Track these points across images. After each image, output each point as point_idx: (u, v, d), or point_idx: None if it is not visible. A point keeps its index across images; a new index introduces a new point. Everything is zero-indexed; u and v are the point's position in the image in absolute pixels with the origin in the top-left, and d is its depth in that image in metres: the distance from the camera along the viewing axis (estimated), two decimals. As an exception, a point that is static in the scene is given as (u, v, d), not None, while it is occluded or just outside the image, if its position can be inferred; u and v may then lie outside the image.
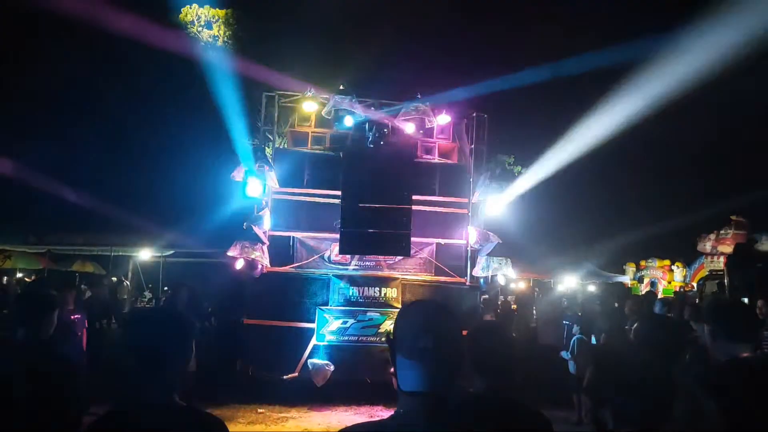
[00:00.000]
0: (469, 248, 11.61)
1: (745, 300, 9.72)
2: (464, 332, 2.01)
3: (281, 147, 12.20)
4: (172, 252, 18.91)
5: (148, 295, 19.03)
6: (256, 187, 10.75)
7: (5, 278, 19.74)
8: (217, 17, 19.44)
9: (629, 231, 23.17)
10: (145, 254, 18.70)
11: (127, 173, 22.78)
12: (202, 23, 19.42)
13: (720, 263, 19.67)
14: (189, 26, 19.30)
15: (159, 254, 19.04)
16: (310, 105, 11.59)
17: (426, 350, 1.78)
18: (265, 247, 10.80)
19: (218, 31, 19.40)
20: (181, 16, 19.06)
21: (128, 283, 17.48)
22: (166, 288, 18.71)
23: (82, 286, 15.82)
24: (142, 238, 17.68)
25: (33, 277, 19.62)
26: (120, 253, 18.68)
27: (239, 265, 10.59)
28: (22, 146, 22.66)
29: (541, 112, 24.71)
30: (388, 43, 18.50)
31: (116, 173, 22.42)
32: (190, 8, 19.17)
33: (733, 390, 2.56)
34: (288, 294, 10.76)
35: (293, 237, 11.31)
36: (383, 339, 10.37)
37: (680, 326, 3.40)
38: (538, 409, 2.83)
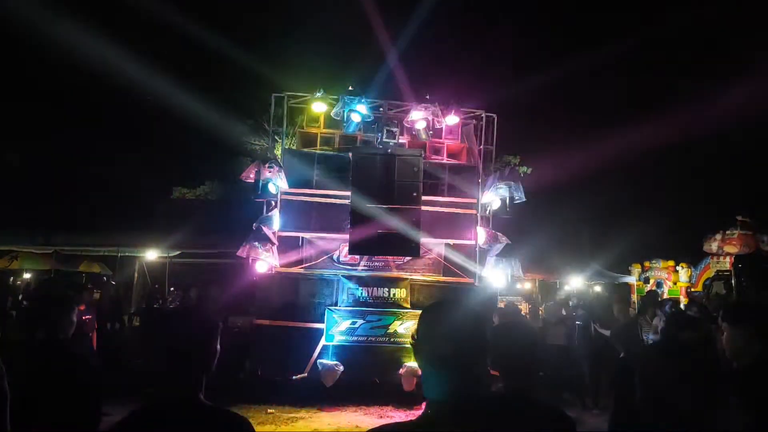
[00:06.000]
0: (478, 249, 11.60)
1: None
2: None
3: (290, 148, 12.20)
4: (178, 252, 18.92)
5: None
6: (266, 187, 10.78)
7: (12, 278, 19.80)
8: None
9: (635, 231, 23.17)
10: (151, 255, 18.73)
11: (133, 173, 22.82)
12: None
13: (726, 263, 19.63)
14: None
15: (165, 255, 19.07)
16: (319, 106, 11.60)
17: (447, 358, 1.76)
18: (274, 248, 10.81)
19: None
20: None
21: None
22: (172, 288, 18.76)
23: (89, 285, 15.87)
24: (149, 238, 17.71)
25: (31, 280, 19.64)
26: (126, 254, 18.70)
27: (249, 265, 10.61)
28: (27, 147, 22.79)
29: (547, 112, 24.73)
30: (397, 44, 18.51)
31: (124, 173, 22.46)
32: None
33: (763, 390, 2.56)
34: (297, 294, 10.77)
35: (302, 237, 11.32)
36: (399, 340, 10.43)
37: (706, 327, 3.39)
38: (562, 409, 2.83)
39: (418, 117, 11.40)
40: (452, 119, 11.81)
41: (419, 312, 1.98)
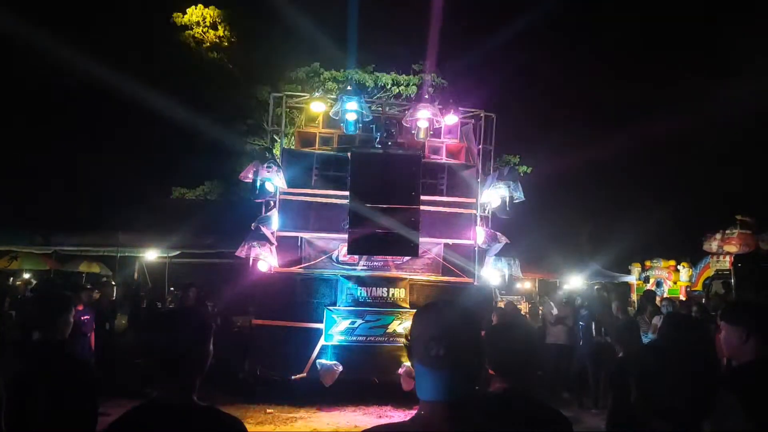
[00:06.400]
0: (477, 248, 11.59)
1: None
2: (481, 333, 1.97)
3: (289, 147, 12.19)
4: (178, 252, 18.91)
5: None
6: (264, 187, 10.77)
7: (11, 279, 19.79)
8: (221, 17, 19.33)
9: (635, 231, 23.16)
10: (151, 255, 18.72)
11: (133, 173, 22.81)
12: (208, 24, 19.34)
13: (726, 263, 19.63)
14: (194, 27, 19.19)
15: (165, 255, 19.06)
16: (318, 105, 11.59)
17: (439, 358, 1.74)
18: (273, 248, 10.81)
19: (224, 32, 19.30)
20: (186, 17, 18.92)
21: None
22: (172, 288, 18.76)
23: (88, 285, 15.86)
24: (149, 238, 17.69)
25: (31, 280, 19.64)
26: (126, 254, 18.69)
27: (248, 265, 10.62)
28: (27, 147, 22.77)
29: (548, 112, 24.73)
30: (396, 43, 18.50)
31: (122, 173, 22.44)
32: (195, 8, 19.04)
33: (762, 390, 2.55)
34: (296, 294, 10.75)
35: (301, 237, 11.30)
36: (399, 340, 10.42)
37: (704, 326, 3.38)
38: (558, 409, 2.82)
39: (425, 116, 11.31)
40: (451, 119, 11.77)
41: None
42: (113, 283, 16.56)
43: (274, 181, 10.89)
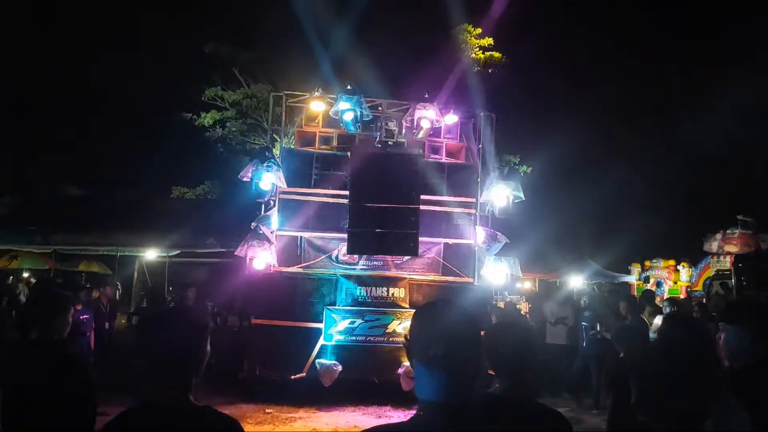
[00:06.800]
0: (476, 248, 11.58)
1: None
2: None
3: (288, 147, 12.16)
4: (178, 252, 18.92)
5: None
6: (264, 186, 10.76)
7: (11, 278, 19.81)
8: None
9: (635, 231, 23.14)
10: (150, 254, 18.72)
11: (132, 173, 22.86)
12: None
13: (727, 263, 19.60)
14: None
15: (165, 254, 19.06)
16: (318, 105, 11.57)
17: (437, 358, 1.73)
18: (272, 247, 10.79)
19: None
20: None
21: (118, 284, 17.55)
22: (171, 288, 18.77)
23: (87, 284, 15.86)
24: (148, 238, 17.70)
25: (30, 279, 19.66)
26: (126, 253, 18.70)
27: (247, 264, 10.60)
28: (28, 146, 22.79)
29: (547, 111, 24.71)
30: (396, 43, 18.50)
31: (122, 173, 22.49)
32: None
33: (763, 390, 2.54)
34: (296, 294, 10.72)
35: (301, 237, 11.30)
36: (398, 340, 10.39)
37: (704, 326, 3.37)
38: (557, 410, 2.81)
39: (429, 116, 11.25)
40: (451, 118, 11.77)
41: None
42: (116, 282, 16.58)
43: (274, 180, 10.87)
